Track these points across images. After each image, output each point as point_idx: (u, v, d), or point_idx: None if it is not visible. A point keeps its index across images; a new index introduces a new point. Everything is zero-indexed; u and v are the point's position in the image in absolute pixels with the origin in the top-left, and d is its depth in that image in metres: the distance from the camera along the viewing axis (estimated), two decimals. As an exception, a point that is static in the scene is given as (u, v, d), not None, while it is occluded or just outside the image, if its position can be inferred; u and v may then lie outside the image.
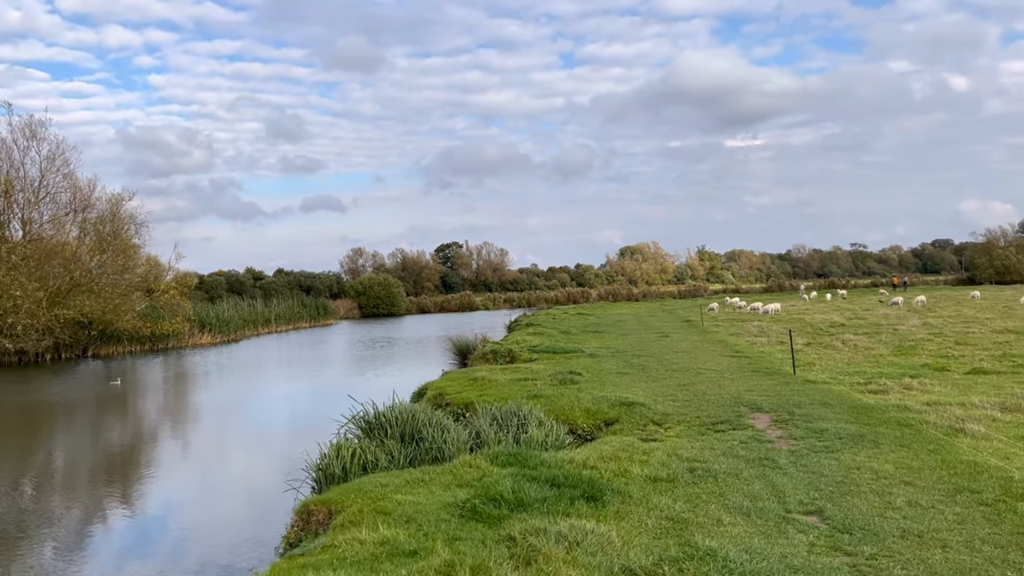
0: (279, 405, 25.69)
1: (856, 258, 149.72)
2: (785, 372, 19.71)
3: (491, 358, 25.82)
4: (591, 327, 42.48)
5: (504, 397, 15.80)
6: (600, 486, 8.58)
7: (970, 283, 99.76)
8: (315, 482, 10.84)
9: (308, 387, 29.35)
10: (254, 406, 25.87)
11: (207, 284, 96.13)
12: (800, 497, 8.51)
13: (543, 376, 19.05)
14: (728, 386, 17.27)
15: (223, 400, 27.15)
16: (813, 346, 26.92)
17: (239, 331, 58.34)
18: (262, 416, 23.65)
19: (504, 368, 21.36)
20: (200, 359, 41.77)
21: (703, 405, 14.71)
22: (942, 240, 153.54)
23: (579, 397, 15.56)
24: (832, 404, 14.22)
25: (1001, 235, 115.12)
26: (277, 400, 26.82)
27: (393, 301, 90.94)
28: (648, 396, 15.86)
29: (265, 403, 26.35)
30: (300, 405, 25.17)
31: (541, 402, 15.19)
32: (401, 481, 9.12)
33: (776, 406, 14.25)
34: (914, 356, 23.12)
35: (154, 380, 33.50)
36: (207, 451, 18.53)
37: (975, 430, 11.26)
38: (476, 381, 18.18)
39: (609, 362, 23.22)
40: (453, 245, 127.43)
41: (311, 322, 74.84)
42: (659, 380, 18.60)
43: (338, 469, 10.38)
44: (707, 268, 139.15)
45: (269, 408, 25.27)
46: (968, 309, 44.43)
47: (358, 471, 10.44)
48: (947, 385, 16.66)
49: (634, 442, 11.43)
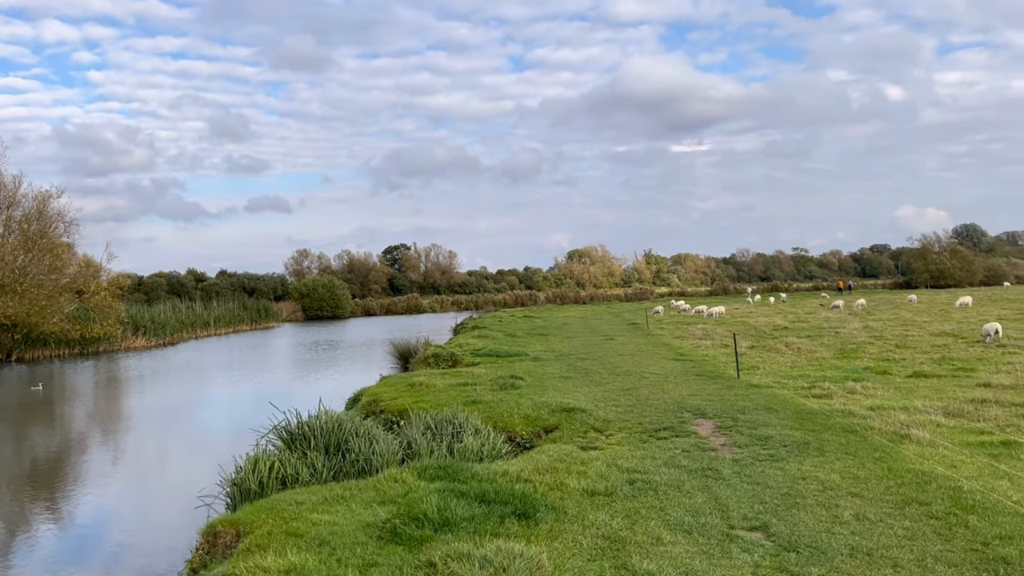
0: (209, 412, 24.58)
1: (798, 262, 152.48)
2: (729, 376, 19.44)
3: (433, 362, 25.12)
4: (537, 330, 42.02)
5: (441, 404, 15.14)
6: (533, 502, 7.99)
7: (907, 287, 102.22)
8: (230, 498, 10.02)
9: (242, 392, 28.21)
10: (181, 413, 24.67)
11: (147, 286, 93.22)
12: (744, 511, 8.04)
13: (484, 381, 18.43)
14: (672, 390, 16.88)
15: (148, 406, 25.89)
16: (757, 349, 26.83)
17: (176, 334, 56.47)
18: (189, 424, 22.51)
19: (444, 373, 20.68)
20: (132, 363, 40.12)
21: (646, 411, 14.26)
22: (880, 245, 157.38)
23: (519, 403, 14.98)
24: (776, 409, 13.90)
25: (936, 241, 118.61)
26: (207, 406, 25.70)
27: (338, 303, 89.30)
28: (590, 401, 15.36)
29: (194, 410, 25.19)
30: (230, 412, 24.06)
31: (479, 409, 14.57)
32: (319, 498, 8.39)
33: (720, 411, 13.87)
34: (856, 359, 23.13)
35: (78, 385, 31.93)
36: (123, 462, 17.34)
37: (920, 436, 10.98)
38: (413, 387, 17.46)
39: (553, 366, 22.71)
40: (401, 247, 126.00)
41: (252, 325, 72.92)
42: (602, 384, 18.13)
43: (255, 484, 9.58)
44: (654, 271, 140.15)
45: (197, 415, 24.13)
46: (906, 312, 45.21)
47: (276, 486, 9.67)
48: (890, 389, 16.53)
49: (573, 451, 10.88)
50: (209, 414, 24.03)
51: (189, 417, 23.84)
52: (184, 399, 27.34)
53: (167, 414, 24.41)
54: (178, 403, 26.50)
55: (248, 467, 9.91)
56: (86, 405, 26.66)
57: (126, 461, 17.47)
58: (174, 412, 24.73)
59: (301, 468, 9.92)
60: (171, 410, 25.12)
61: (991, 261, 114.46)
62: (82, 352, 46.34)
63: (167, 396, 27.88)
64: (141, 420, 23.33)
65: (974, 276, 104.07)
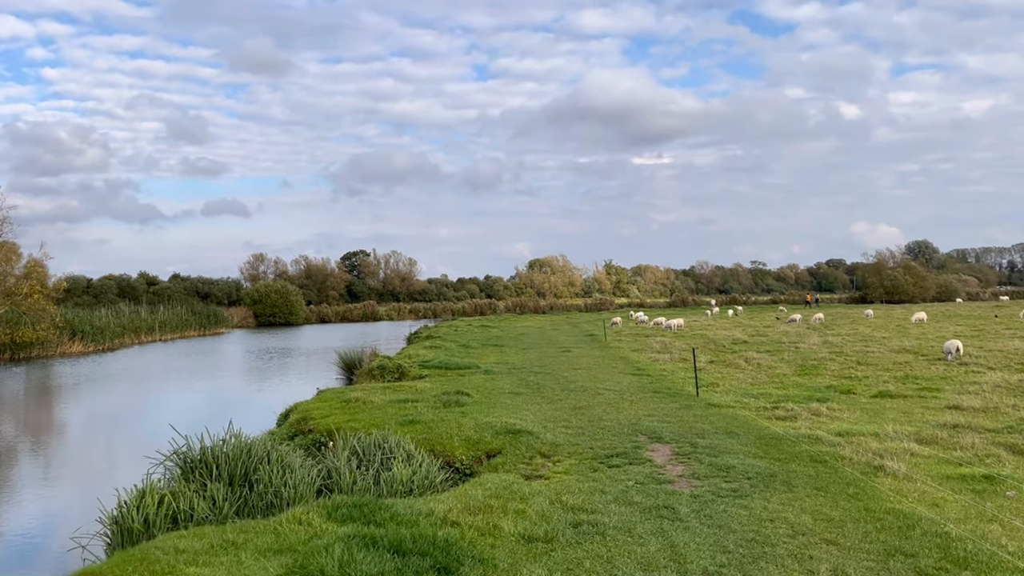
0: (125, 427, 22.50)
1: (756, 275, 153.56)
2: (688, 393, 18.42)
3: (378, 374, 23.73)
4: (492, 340, 40.79)
5: (376, 423, 13.82)
6: (458, 553, 6.75)
7: (862, 302, 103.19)
8: (110, 538, 8.57)
9: (170, 404, 26.40)
10: (93, 428, 22.61)
11: (95, 288, 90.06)
12: (704, 563, 6.89)
13: (427, 397, 17.12)
14: (627, 409, 15.77)
15: (58, 420, 23.96)
16: (716, 364, 25.93)
17: (117, 339, 54.07)
18: (97, 441, 20.32)
19: (387, 387, 19.31)
20: (63, 370, 37.94)
21: (598, 433, 13.11)
22: (835, 260, 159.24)
23: (461, 423, 13.71)
24: (738, 433, 12.84)
25: (890, 256, 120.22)
26: (125, 420, 23.72)
27: (291, 310, 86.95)
28: (539, 421, 14.17)
29: (109, 424, 23.07)
30: (150, 427, 21.82)
31: (417, 429, 13.29)
32: (206, 545, 7.04)
33: (678, 435, 12.77)
34: (818, 376, 22.32)
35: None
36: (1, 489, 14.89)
37: (895, 468, 9.98)
38: (349, 403, 16.07)
39: (504, 380, 21.49)
40: (360, 253, 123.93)
41: (201, 330, 70.50)
42: (554, 402, 16.95)
43: (138, 523, 8.19)
44: (614, 282, 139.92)
45: (111, 430, 21.91)
46: (864, 327, 44.89)
47: (166, 525, 8.29)
48: (856, 410, 15.62)
49: (514, 482, 9.66)
50: (125, 429, 21.85)
51: (101, 433, 21.75)
52: (103, 411, 25.37)
53: (76, 429, 22.48)
54: (94, 415, 24.58)
55: (133, 501, 8.49)
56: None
57: (5, 488, 14.94)
58: (85, 427, 22.80)
59: (198, 503, 8.55)
60: (82, 424, 23.18)
61: (943, 277, 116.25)
62: (12, 358, 43.93)
63: (84, 407, 25.93)
64: (42, 436, 21.18)
65: (927, 292, 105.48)
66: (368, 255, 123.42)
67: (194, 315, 71.39)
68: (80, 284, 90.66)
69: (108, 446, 19.58)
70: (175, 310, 70.65)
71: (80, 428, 22.63)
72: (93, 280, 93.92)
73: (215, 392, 29.45)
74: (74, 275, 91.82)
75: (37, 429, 22.47)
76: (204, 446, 9.60)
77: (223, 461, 9.27)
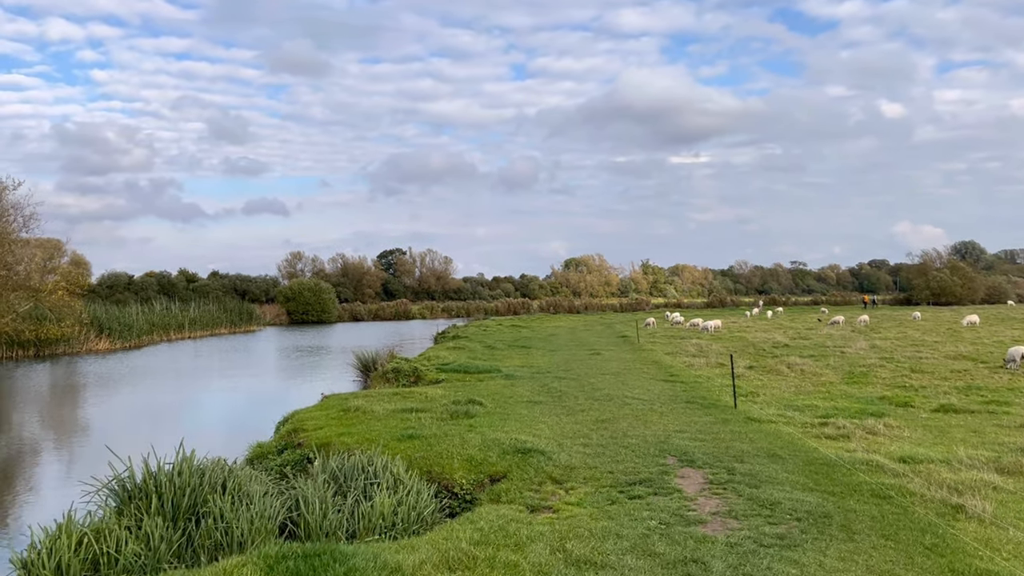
0: (100, 437, 19.25)
1: (796, 276, 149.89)
2: (725, 404, 16.66)
3: (392, 378, 22.30)
4: (520, 341, 39.22)
5: (372, 437, 12.32)
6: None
7: (907, 303, 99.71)
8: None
9: (165, 408, 24.93)
10: (86, 432, 20.87)
11: (137, 285, 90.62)
12: (744, 649, 5.24)
13: (436, 406, 15.57)
14: (656, 423, 14.08)
15: (52, 420, 22.84)
16: (756, 370, 24.07)
17: (145, 336, 53.61)
18: (60, 454, 18.11)
19: (396, 393, 17.80)
20: (85, 367, 37.25)
21: (621, 453, 11.45)
22: (878, 260, 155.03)
23: (466, 439, 12.14)
24: (783, 456, 11.09)
25: (936, 257, 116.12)
26: (105, 429, 21.00)
27: (324, 308, 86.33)
28: (554, 437, 12.54)
29: (83, 434, 20.48)
30: (142, 434, 19.37)
31: (416, 446, 11.75)
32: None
33: (712, 457, 11.06)
34: (868, 385, 20.39)
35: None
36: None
37: (978, 509, 8.20)
38: (348, 413, 14.57)
39: (524, 386, 19.89)
40: (396, 251, 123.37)
41: (232, 328, 69.95)
42: (575, 413, 15.30)
43: (50, 570, 6.77)
44: (650, 282, 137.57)
45: (81, 441, 19.50)
46: (912, 330, 42.45)
47: (86, 570, 6.86)
48: (916, 428, 13.75)
49: (513, 519, 8.07)
50: (94, 441, 18.84)
51: (68, 443, 19.56)
52: (88, 416, 23.43)
53: (66, 432, 21.18)
54: (75, 420, 23.00)
55: (47, 543, 7.05)
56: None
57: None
58: (78, 430, 21.31)
59: (129, 542, 7.11)
60: (76, 427, 21.79)
61: (992, 279, 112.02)
62: (38, 355, 43.50)
63: (74, 409, 24.72)
64: (28, 441, 19.74)
65: (975, 294, 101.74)
66: (404, 253, 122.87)
67: (225, 312, 70.85)
68: (122, 281, 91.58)
69: (66, 462, 17.16)
70: (207, 307, 70.26)
71: (52, 435, 20.77)
72: (135, 277, 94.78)
73: (224, 393, 28.29)
74: (115, 272, 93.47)
75: (24, 430, 21.30)
76: (149, 471, 8.16)
77: (168, 490, 7.83)
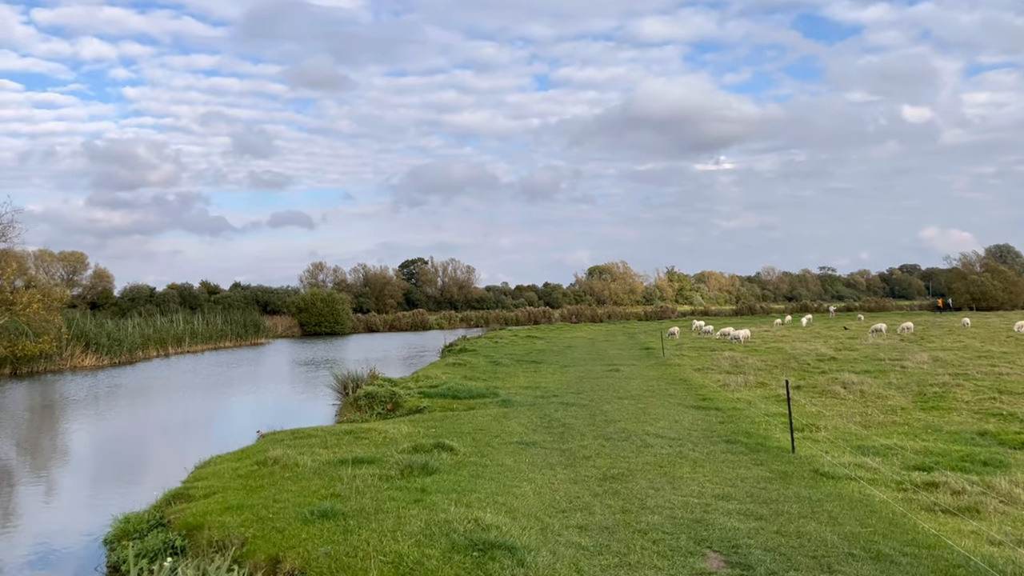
0: (71, 464, 17.69)
1: (825, 282, 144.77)
2: (776, 445, 12.69)
3: (364, 405, 18.54)
4: (532, 355, 35.33)
5: (271, 514, 8.53)
6: None
7: (946, 309, 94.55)
8: None
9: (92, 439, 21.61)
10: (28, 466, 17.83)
11: (158, 298, 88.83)
12: None
13: (390, 454, 11.71)
14: (687, 479, 10.16)
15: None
16: (806, 391, 20.04)
17: (138, 351, 50.33)
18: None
19: (349, 432, 13.93)
20: (52, 388, 33.89)
21: (634, 542, 7.56)
22: (909, 265, 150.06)
23: (404, 520, 8.28)
24: (894, 557, 7.10)
25: (976, 260, 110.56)
26: (74, 454, 18.90)
27: (337, 319, 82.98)
28: (537, 514, 8.66)
29: (45, 461, 18.31)
30: (21, 473, 17.04)
31: (327, 532, 7.93)
32: None
33: (781, 557, 7.12)
34: (950, 412, 16.32)
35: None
36: None
37: None
38: (262, 466, 10.76)
39: (519, 418, 15.99)
40: (418, 261, 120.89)
41: (237, 341, 66.64)
42: (576, 463, 11.39)
43: None
44: (676, 289, 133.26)
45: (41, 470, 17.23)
46: (967, 339, 37.99)
47: None
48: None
49: None
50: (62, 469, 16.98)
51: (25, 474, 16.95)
52: (52, 443, 20.61)
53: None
54: (40, 449, 19.89)
55: None
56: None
57: None
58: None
59: None
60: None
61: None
62: (14, 373, 40.31)
63: (45, 437, 21.36)
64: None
65: (1017, 298, 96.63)
66: (426, 263, 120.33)
67: (229, 325, 67.63)
68: (143, 293, 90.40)
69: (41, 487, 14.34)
70: (213, 319, 67.17)
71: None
72: (156, 290, 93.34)
73: (170, 422, 24.64)
74: (137, 284, 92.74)
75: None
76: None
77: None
